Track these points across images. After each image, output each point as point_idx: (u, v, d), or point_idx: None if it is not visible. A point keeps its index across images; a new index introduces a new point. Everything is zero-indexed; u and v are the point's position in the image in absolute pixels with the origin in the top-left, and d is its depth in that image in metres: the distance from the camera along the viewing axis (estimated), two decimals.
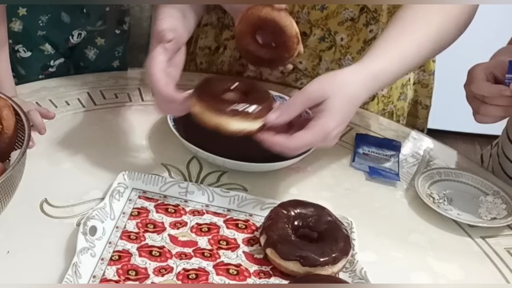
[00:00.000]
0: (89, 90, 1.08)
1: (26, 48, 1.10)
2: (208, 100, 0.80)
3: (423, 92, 1.23)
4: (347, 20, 1.09)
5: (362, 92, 0.81)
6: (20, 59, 1.11)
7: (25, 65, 1.12)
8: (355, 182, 0.94)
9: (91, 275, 0.70)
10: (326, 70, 1.14)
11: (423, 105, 1.24)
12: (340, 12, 1.08)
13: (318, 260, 0.72)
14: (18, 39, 1.09)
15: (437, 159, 1.01)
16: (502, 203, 0.91)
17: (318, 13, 1.08)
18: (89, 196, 0.83)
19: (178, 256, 0.75)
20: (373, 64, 0.82)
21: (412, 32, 0.86)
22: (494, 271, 0.81)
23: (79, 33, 1.13)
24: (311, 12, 1.08)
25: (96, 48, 1.18)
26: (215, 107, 0.79)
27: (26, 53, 1.11)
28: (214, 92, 0.83)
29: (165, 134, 0.96)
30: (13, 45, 1.09)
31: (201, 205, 0.83)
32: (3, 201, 0.71)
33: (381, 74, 0.83)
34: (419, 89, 1.23)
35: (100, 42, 1.17)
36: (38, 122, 0.93)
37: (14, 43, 1.09)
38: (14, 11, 1.06)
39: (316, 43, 1.12)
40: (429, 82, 1.23)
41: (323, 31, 1.10)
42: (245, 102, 0.80)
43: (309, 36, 1.11)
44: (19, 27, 1.08)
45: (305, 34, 1.10)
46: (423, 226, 0.87)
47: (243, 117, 0.79)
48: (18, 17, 1.07)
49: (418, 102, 1.24)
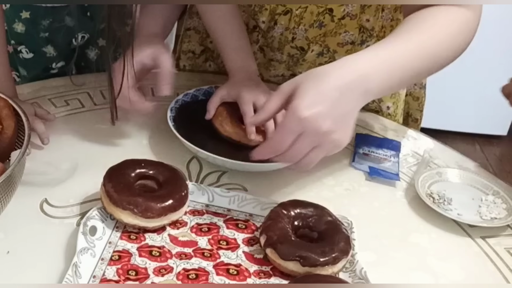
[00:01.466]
0: (89, 90, 1.08)
1: (28, 49, 1.10)
2: (115, 191, 0.77)
3: (414, 105, 1.21)
4: (347, 43, 1.08)
5: (338, 73, 0.74)
6: (23, 60, 1.11)
7: (27, 66, 1.12)
8: (355, 182, 0.94)
9: (91, 275, 0.70)
10: None
11: (413, 118, 1.23)
12: (339, 33, 1.07)
13: (318, 260, 0.72)
14: (20, 40, 1.09)
15: (437, 159, 1.01)
16: (502, 203, 0.91)
17: (316, 30, 1.06)
18: (89, 196, 0.83)
19: (178, 256, 0.75)
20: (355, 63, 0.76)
21: (407, 39, 0.81)
22: (494, 271, 0.81)
23: (82, 36, 1.13)
24: (308, 30, 1.07)
25: (97, 49, 1.17)
26: (118, 200, 0.76)
27: (28, 54, 1.11)
28: (126, 180, 0.79)
29: (165, 134, 0.96)
30: (15, 46, 1.09)
31: (201, 205, 0.83)
32: (3, 201, 0.70)
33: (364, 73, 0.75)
34: (411, 102, 1.22)
35: (101, 43, 1.16)
36: (41, 131, 0.91)
37: (17, 43, 1.09)
38: (17, 14, 1.06)
39: (314, 57, 1.11)
40: (420, 95, 1.21)
41: (321, 47, 1.09)
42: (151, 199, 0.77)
43: (306, 51, 1.10)
44: (22, 29, 1.08)
45: (303, 49, 1.10)
46: (423, 226, 0.87)
47: (136, 213, 0.75)
48: (20, 19, 1.06)
49: (409, 114, 1.23)
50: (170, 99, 1.02)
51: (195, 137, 0.92)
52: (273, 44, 1.12)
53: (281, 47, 1.11)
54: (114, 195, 0.76)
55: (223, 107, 0.97)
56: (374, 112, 1.14)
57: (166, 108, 0.97)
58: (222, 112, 0.97)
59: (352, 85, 0.73)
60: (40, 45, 1.11)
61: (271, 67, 1.16)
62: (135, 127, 0.99)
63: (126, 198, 0.75)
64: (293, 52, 1.11)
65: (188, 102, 1.02)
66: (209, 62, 1.22)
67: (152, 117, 1.02)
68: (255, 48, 1.13)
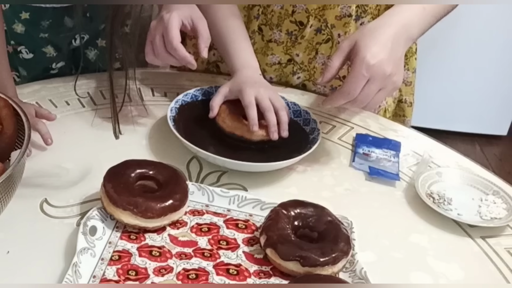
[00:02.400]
0: (89, 90, 1.08)
1: (28, 50, 1.10)
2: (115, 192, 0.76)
3: (407, 90, 1.25)
4: (344, 16, 1.10)
5: (390, 24, 0.89)
6: (23, 60, 1.11)
7: (27, 66, 1.12)
8: (355, 182, 0.94)
9: (91, 275, 0.70)
10: (322, 64, 1.15)
11: (408, 103, 1.26)
12: (338, 5, 1.10)
13: (318, 260, 0.72)
14: (20, 41, 1.09)
15: (437, 159, 1.01)
16: (502, 203, 0.91)
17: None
18: (89, 196, 0.83)
19: (178, 256, 0.75)
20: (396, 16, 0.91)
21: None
22: (494, 271, 0.81)
23: (82, 36, 1.13)
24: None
25: (96, 49, 1.18)
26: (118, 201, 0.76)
27: (28, 55, 1.11)
28: (126, 180, 0.79)
29: (165, 134, 0.96)
30: (15, 46, 1.09)
31: (201, 205, 0.83)
32: (3, 201, 0.70)
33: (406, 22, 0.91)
34: (403, 88, 1.25)
35: (101, 44, 1.17)
36: (44, 131, 0.91)
37: (17, 44, 1.09)
38: (17, 15, 1.06)
39: (312, 34, 1.13)
40: (412, 80, 1.25)
41: (319, 22, 1.12)
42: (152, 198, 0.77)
43: (305, 26, 1.12)
44: (22, 30, 1.08)
45: (302, 24, 1.12)
46: (423, 226, 0.87)
47: (136, 214, 0.75)
48: (20, 20, 1.06)
49: (402, 101, 1.26)
50: (170, 99, 1.02)
51: (195, 137, 0.92)
52: (272, 20, 1.13)
53: (280, 22, 1.13)
54: (114, 196, 0.76)
55: (225, 105, 0.98)
56: None
57: (166, 108, 0.97)
58: (224, 109, 0.97)
59: (398, 34, 0.89)
60: (40, 45, 1.11)
61: (268, 50, 1.17)
62: (135, 127, 0.99)
63: (126, 198, 0.75)
64: (292, 28, 1.13)
65: (188, 102, 1.02)
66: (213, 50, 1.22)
67: (152, 117, 1.02)
68: (255, 26, 1.14)
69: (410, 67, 1.22)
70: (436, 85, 2.56)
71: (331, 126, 1.07)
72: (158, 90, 1.11)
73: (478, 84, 2.61)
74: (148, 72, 1.18)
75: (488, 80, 2.61)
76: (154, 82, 1.14)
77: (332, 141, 1.03)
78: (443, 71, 2.58)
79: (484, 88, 2.62)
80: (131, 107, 1.04)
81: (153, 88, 1.12)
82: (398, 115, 1.26)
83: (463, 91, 2.63)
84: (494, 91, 2.62)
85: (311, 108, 1.07)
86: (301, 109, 1.02)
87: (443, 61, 2.55)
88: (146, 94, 1.09)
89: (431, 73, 2.50)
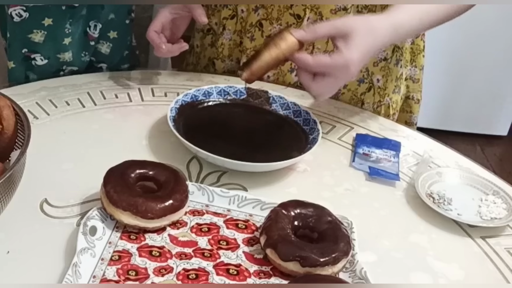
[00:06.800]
0: (89, 90, 1.08)
1: (43, 57, 1.08)
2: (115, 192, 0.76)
3: (415, 87, 1.25)
4: (340, 10, 1.10)
5: (384, 35, 0.88)
6: (35, 66, 1.08)
7: (38, 71, 1.09)
8: (355, 182, 0.94)
9: (91, 275, 0.70)
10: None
11: (415, 100, 1.26)
12: None
13: (318, 260, 0.72)
14: (37, 49, 1.06)
15: (437, 159, 1.01)
16: (502, 203, 0.91)
17: None
18: (89, 196, 0.83)
19: (178, 256, 0.75)
20: (395, 15, 0.90)
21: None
22: (494, 271, 0.81)
23: (95, 24, 1.11)
24: None
25: (109, 42, 1.16)
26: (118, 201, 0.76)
27: (43, 61, 1.09)
28: (126, 181, 0.79)
29: (165, 134, 0.96)
30: (29, 53, 1.06)
31: (201, 205, 0.83)
32: (3, 201, 0.70)
33: (402, 25, 0.90)
34: (411, 85, 1.25)
35: (112, 35, 1.15)
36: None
37: (30, 52, 1.06)
38: (39, 23, 1.03)
39: None
40: (420, 77, 1.25)
41: (316, 15, 1.12)
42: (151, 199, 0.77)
43: (302, 19, 1.12)
44: (40, 39, 1.05)
45: (299, 17, 1.12)
46: (423, 226, 0.87)
47: (136, 214, 0.75)
48: (43, 27, 1.04)
49: (410, 97, 1.26)
50: (170, 99, 1.02)
51: (195, 137, 0.92)
52: (272, 14, 1.14)
53: (280, 16, 1.13)
54: (114, 196, 0.76)
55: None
56: (367, 88, 1.17)
57: (166, 108, 0.97)
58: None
59: (387, 38, 0.89)
60: (58, 51, 1.09)
61: None
62: (135, 127, 0.99)
63: (126, 199, 0.75)
64: (291, 21, 1.13)
65: (188, 102, 1.02)
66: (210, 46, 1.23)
67: (152, 117, 1.02)
68: (254, 19, 1.14)
69: (417, 64, 1.22)
70: (436, 85, 2.56)
71: (331, 126, 1.07)
72: (158, 90, 1.11)
73: (479, 84, 2.61)
74: (148, 72, 1.18)
75: (488, 80, 2.61)
76: (154, 82, 1.14)
77: (332, 141, 1.03)
78: (443, 71, 2.58)
79: (484, 88, 2.62)
80: (131, 107, 1.04)
81: (153, 88, 1.12)
82: (405, 111, 1.26)
83: (464, 91, 2.63)
84: (495, 91, 2.62)
85: (311, 108, 1.07)
86: (301, 109, 1.02)
87: (443, 61, 2.55)
88: (146, 94, 1.09)
89: (431, 73, 2.50)
